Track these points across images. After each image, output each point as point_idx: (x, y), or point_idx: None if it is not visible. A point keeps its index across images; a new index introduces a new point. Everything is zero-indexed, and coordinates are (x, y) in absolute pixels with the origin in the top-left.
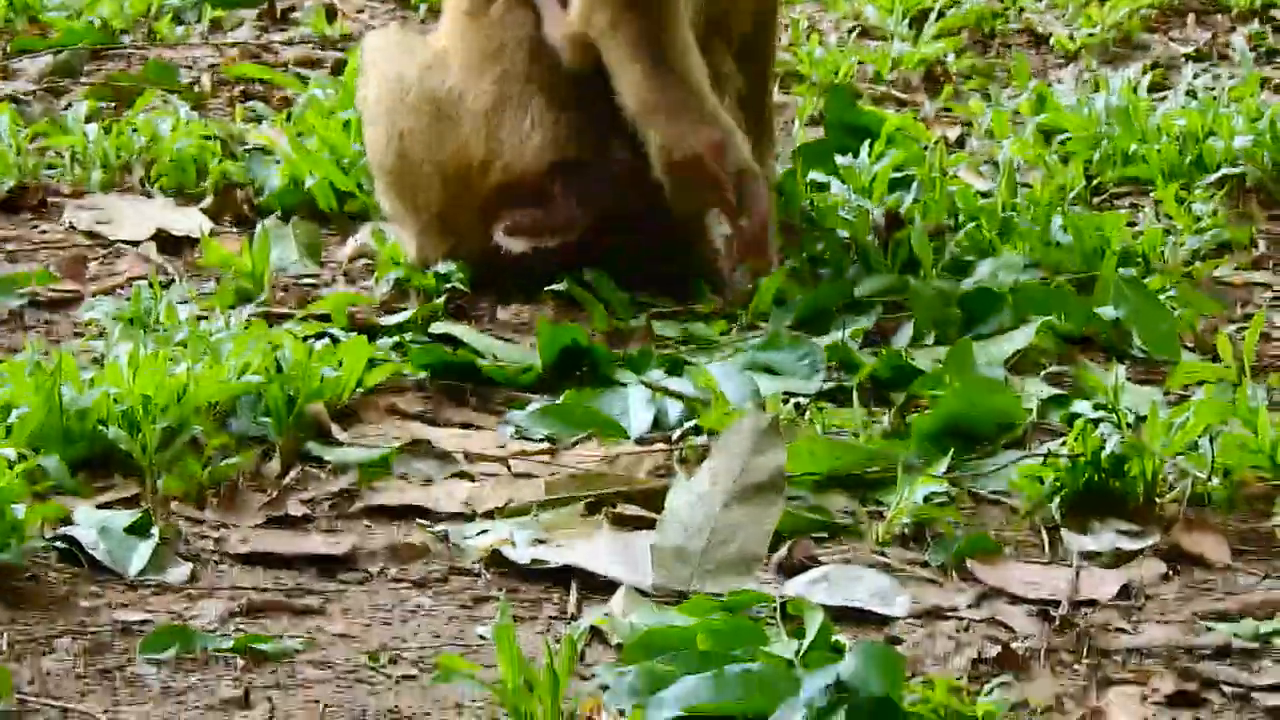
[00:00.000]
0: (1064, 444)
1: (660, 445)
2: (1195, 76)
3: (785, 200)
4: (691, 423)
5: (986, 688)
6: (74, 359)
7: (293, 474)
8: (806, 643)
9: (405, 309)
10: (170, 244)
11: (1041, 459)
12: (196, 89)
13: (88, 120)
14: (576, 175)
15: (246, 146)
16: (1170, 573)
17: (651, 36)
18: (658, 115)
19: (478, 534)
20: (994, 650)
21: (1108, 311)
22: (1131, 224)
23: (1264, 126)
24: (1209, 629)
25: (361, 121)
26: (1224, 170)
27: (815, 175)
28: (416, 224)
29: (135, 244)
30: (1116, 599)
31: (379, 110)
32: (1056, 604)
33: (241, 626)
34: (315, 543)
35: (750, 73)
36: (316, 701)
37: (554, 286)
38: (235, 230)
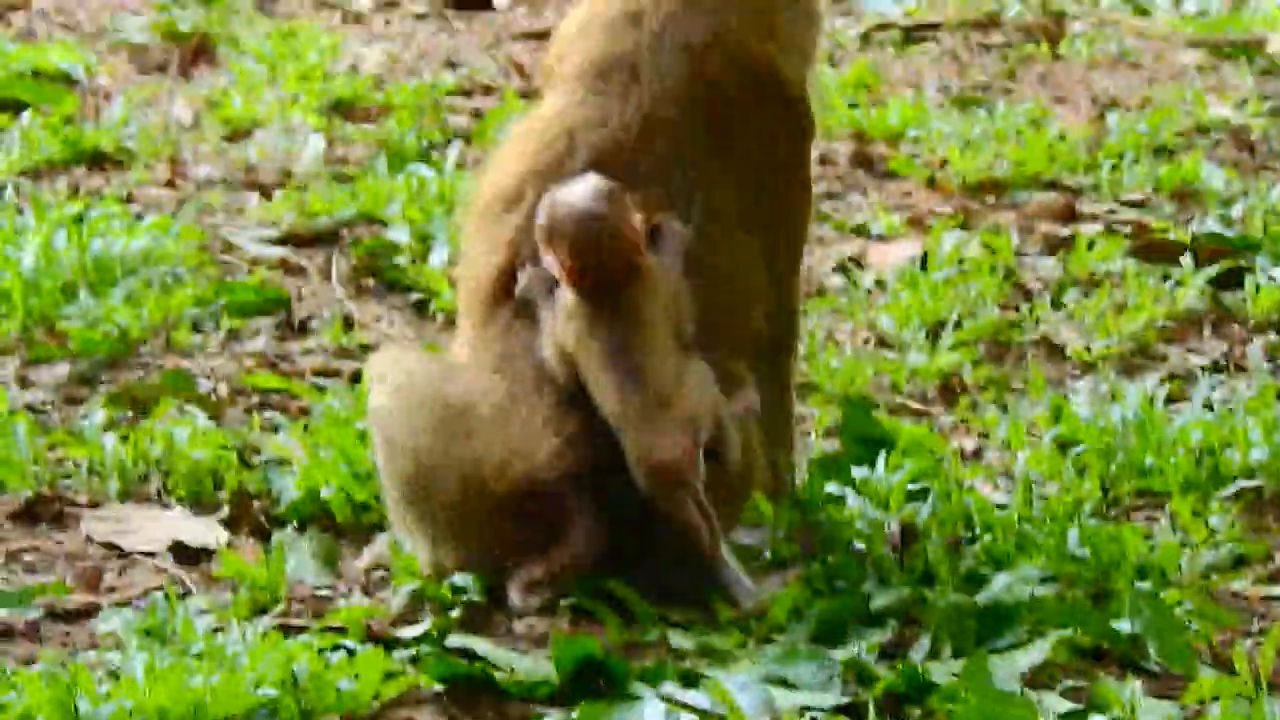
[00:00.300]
0: None
1: None
2: (1212, 389)
3: (802, 512)
4: None
5: None
6: (90, 671)
7: None
8: None
9: (421, 621)
10: (187, 555)
11: None
12: (214, 398)
13: (105, 430)
14: (590, 488)
15: (263, 457)
16: None
17: (623, 345)
18: (629, 424)
19: None
20: None
21: (1124, 625)
22: (1147, 537)
23: None
24: None
25: (374, 430)
26: (1240, 483)
27: (831, 487)
28: (429, 534)
29: (152, 555)
30: None
31: (389, 420)
32: None
33: None
34: None
35: (769, 370)
36: None
37: (568, 600)
38: (252, 541)
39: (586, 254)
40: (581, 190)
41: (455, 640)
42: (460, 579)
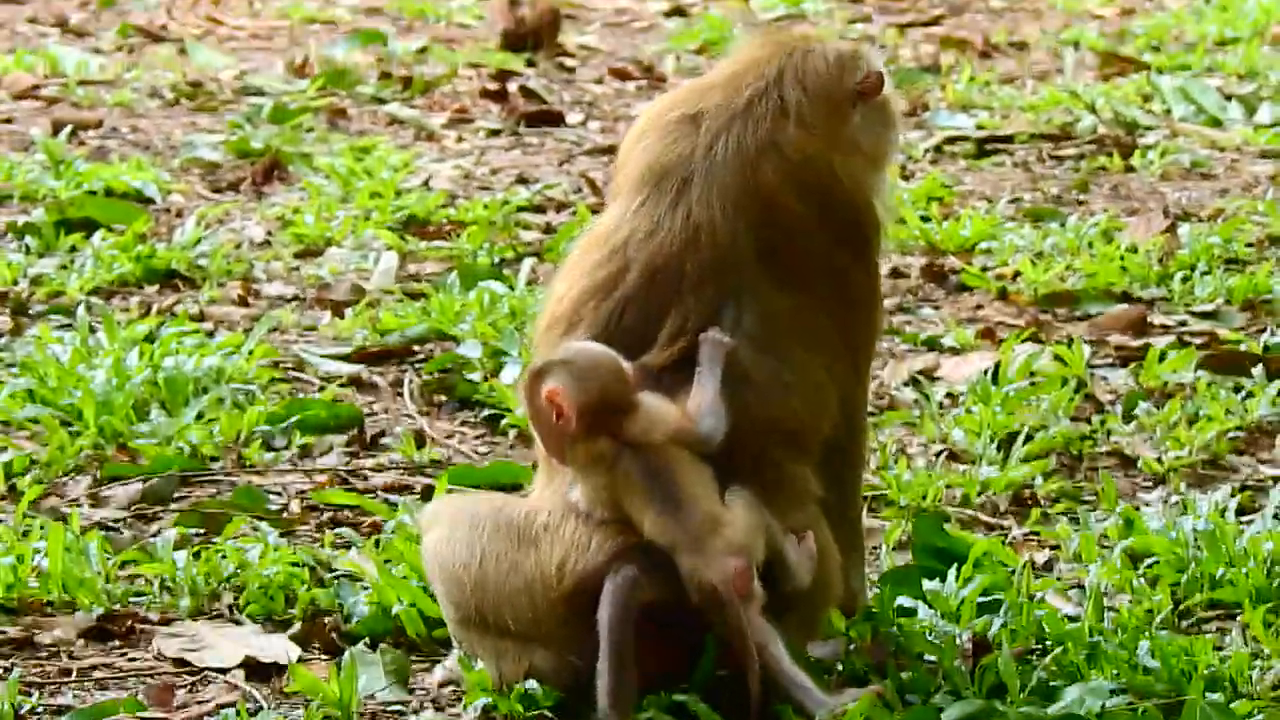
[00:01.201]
0: None
1: None
2: None
3: (874, 625)
4: None
5: None
6: None
7: None
8: None
9: None
10: (258, 671)
11: None
12: (285, 515)
13: (177, 547)
14: (628, 570)
15: (335, 573)
16: None
17: (655, 472)
18: (678, 549)
19: None
20: None
21: None
22: (1219, 648)
23: None
24: None
25: (428, 567)
26: None
27: (903, 600)
28: (494, 648)
29: (223, 671)
30: None
31: (449, 547)
32: None
33: None
34: None
35: (834, 480)
36: None
37: (643, 716)
38: (324, 657)
39: (581, 396)
40: (553, 355)
41: None
42: (530, 685)
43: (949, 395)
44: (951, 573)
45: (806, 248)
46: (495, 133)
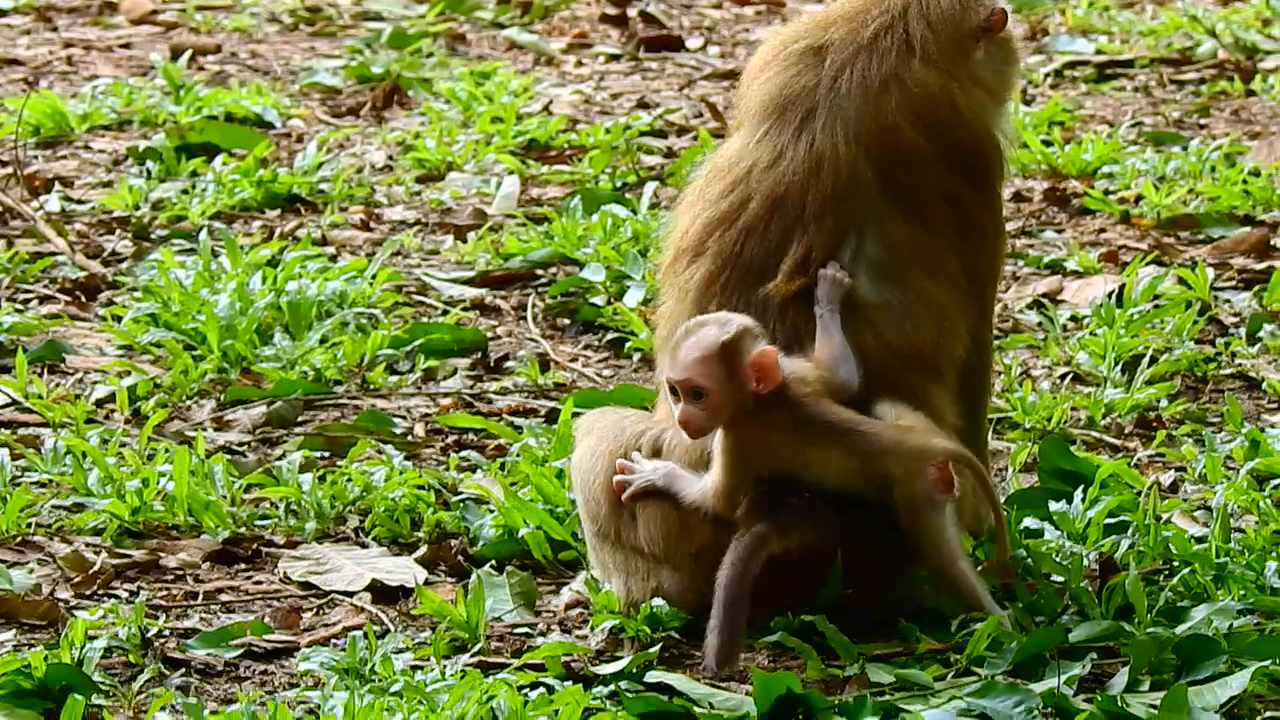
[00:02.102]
0: None
1: None
2: None
3: (1000, 546)
4: None
5: None
6: (290, 710)
7: None
8: None
9: (621, 657)
10: (384, 594)
11: None
12: (410, 438)
13: (302, 470)
14: (756, 511)
15: (460, 496)
16: None
17: (832, 418)
18: (887, 449)
19: None
20: None
21: None
22: None
23: None
24: None
25: (574, 476)
26: None
27: (1029, 521)
28: (625, 565)
29: (350, 594)
30: None
31: (596, 459)
32: None
33: None
34: None
35: (962, 408)
36: None
37: (770, 638)
38: (450, 580)
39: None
40: (706, 338)
41: (654, 676)
42: (658, 603)
43: (1073, 318)
44: (1078, 494)
45: (929, 180)
46: (614, 58)
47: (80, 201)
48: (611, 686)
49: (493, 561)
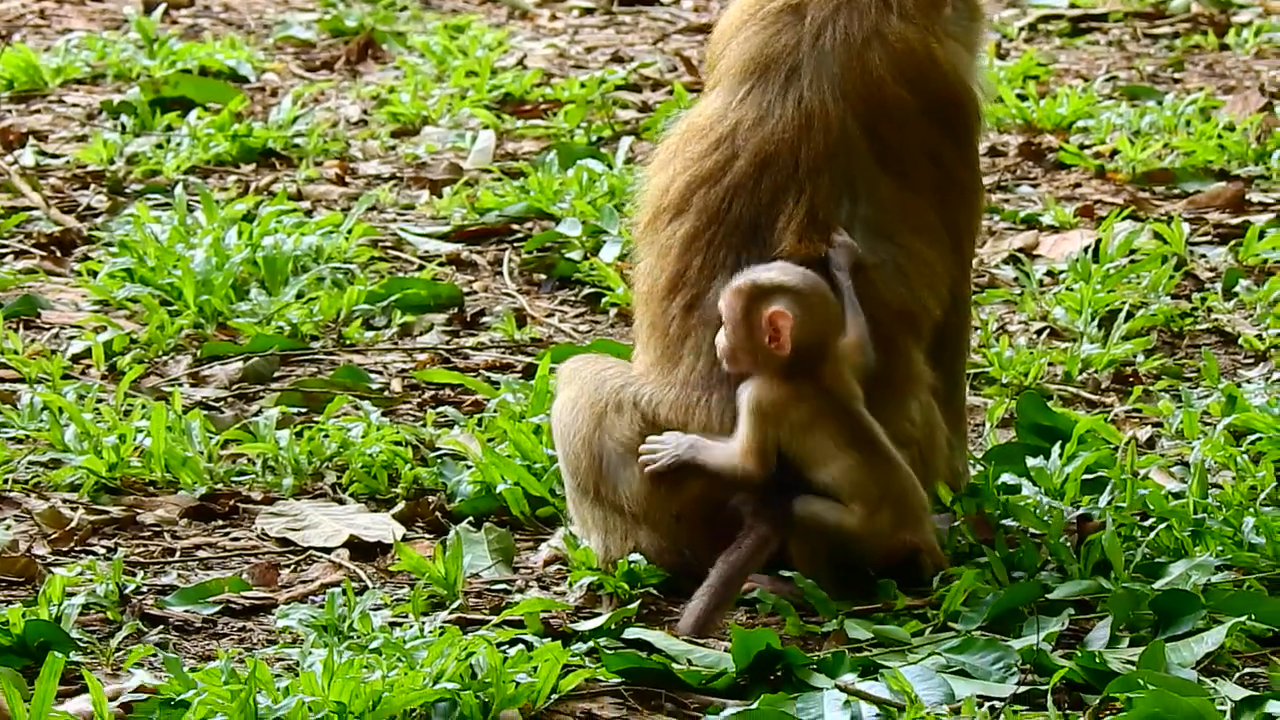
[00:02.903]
0: None
1: None
2: None
3: (978, 501)
4: None
5: None
6: (268, 667)
7: None
8: None
9: (599, 614)
10: (363, 550)
11: None
12: (387, 394)
13: (279, 426)
14: (765, 497)
15: (438, 452)
16: None
17: (857, 425)
18: (870, 502)
19: None
20: None
21: None
22: None
23: None
24: None
25: (554, 427)
26: None
27: (1007, 477)
28: (605, 522)
29: (328, 550)
30: None
31: (576, 413)
32: None
33: None
34: None
35: (941, 364)
36: None
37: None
38: (428, 536)
39: (803, 330)
40: (789, 271)
41: (633, 633)
42: (636, 558)
43: (1049, 273)
44: (1055, 450)
45: (912, 136)
46: (589, 11)
47: (55, 156)
48: (590, 643)
49: (470, 518)
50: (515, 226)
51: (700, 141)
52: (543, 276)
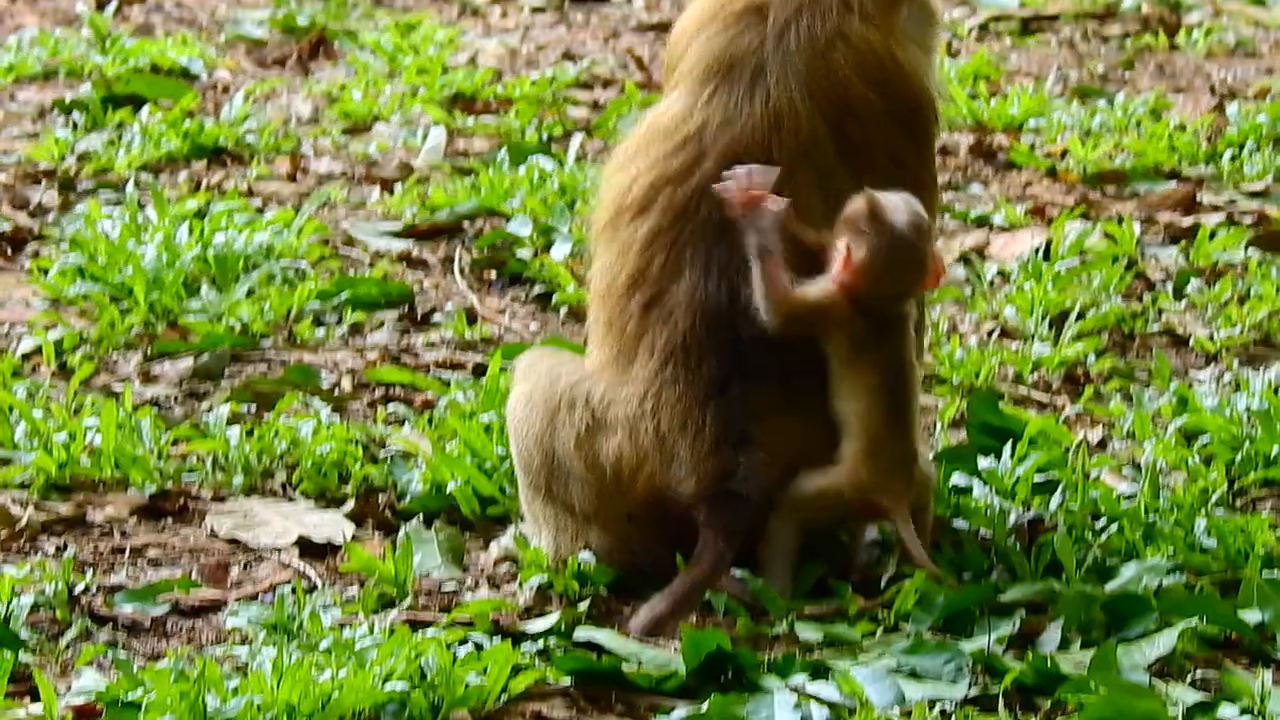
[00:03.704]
0: None
1: None
2: None
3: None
4: None
5: None
6: (217, 666)
7: None
8: None
9: (549, 613)
10: (312, 549)
11: None
12: (337, 392)
13: (229, 424)
14: (721, 507)
15: (388, 450)
16: None
17: (898, 381)
18: (870, 454)
19: None
20: None
21: (1253, 615)
22: (1274, 526)
23: None
24: None
25: (508, 422)
26: None
27: (958, 478)
28: (556, 520)
29: (277, 549)
30: None
31: (530, 409)
32: None
33: None
34: None
35: None
36: None
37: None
38: (378, 535)
39: (903, 277)
40: (911, 213)
41: (583, 633)
42: (585, 557)
43: (1000, 273)
44: (1006, 451)
45: (877, 136)
46: (540, 9)
47: (5, 153)
48: (540, 644)
49: (420, 516)
50: (466, 224)
51: (665, 141)
52: (493, 274)
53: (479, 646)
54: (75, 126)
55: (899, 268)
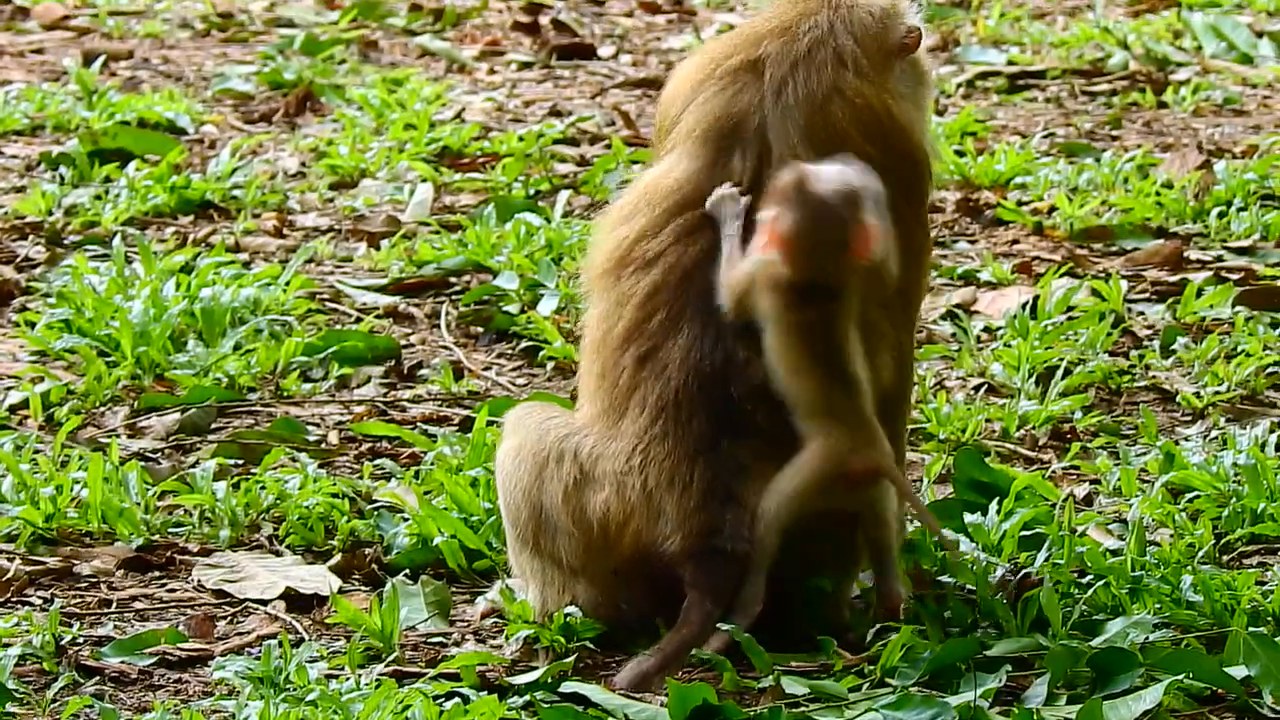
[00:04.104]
0: None
1: None
2: None
3: (915, 557)
4: None
5: None
6: (204, 719)
7: None
8: None
9: (536, 667)
10: (299, 602)
11: None
12: (324, 446)
13: (216, 478)
14: (707, 566)
15: (374, 504)
16: None
17: (838, 348)
18: (825, 428)
19: None
20: None
21: (1239, 671)
22: (1260, 582)
23: None
24: None
25: (497, 475)
26: None
27: (945, 532)
28: (543, 573)
29: (264, 602)
30: None
31: (519, 463)
32: None
33: None
34: None
35: (884, 423)
36: None
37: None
38: (364, 589)
39: (826, 246)
40: (839, 183)
41: (569, 687)
42: (572, 611)
43: (987, 329)
44: (993, 506)
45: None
46: (527, 65)
47: None
48: (526, 697)
49: (407, 570)
50: (453, 279)
51: (669, 200)
52: (480, 329)
53: (465, 700)
54: (62, 181)
55: (821, 235)
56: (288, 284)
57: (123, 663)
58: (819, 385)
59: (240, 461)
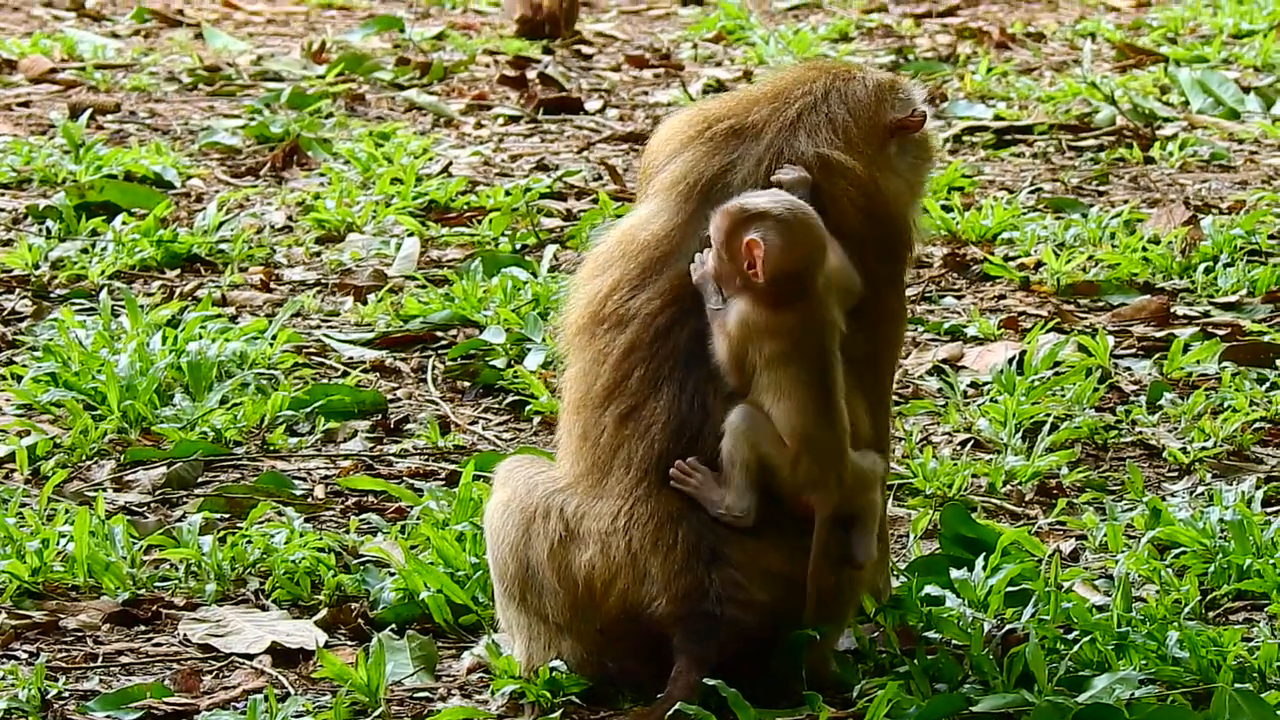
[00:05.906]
0: None
1: None
2: None
3: (901, 613)
4: None
5: None
6: None
7: None
8: None
9: None
10: (285, 657)
11: None
12: (310, 500)
13: (202, 532)
14: (696, 631)
15: (361, 559)
16: None
17: (824, 376)
18: (801, 453)
19: None
20: None
21: None
22: (1246, 639)
23: None
24: None
25: (486, 529)
26: None
27: (930, 588)
28: (529, 628)
29: (250, 657)
30: None
31: (507, 517)
32: None
33: None
34: None
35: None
36: None
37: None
38: (350, 643)
39: (782, 259)
40: (777, 198)
41: None
42: (558, 669)
43: (973, 384)
44: (979, 562)
45: (852, 257)
46: (514, 119)
47: None
48: None
49: (393, 625)
50: (439, 333)
51: (645, 255)
52: (466, 384)
53: None
54: (49, 234)
55: (805, 243)
56: (274, 338)
57: (108, 717)
58: (807, 415)
59: (226, 515)
